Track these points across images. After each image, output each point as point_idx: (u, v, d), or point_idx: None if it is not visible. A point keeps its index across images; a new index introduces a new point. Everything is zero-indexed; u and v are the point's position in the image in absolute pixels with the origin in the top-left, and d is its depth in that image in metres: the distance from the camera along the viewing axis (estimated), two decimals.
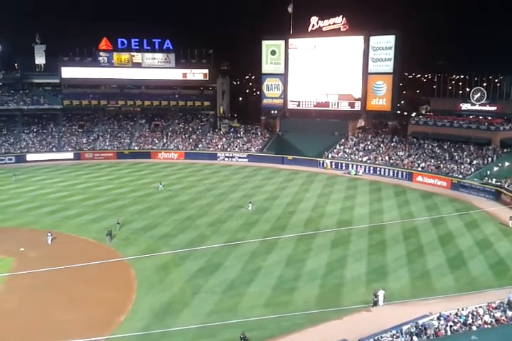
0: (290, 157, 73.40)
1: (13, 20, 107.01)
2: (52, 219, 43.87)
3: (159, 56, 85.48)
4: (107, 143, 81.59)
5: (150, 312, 26.59)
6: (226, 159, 77.48)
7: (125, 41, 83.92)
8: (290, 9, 77.29)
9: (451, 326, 21.70)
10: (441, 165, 61.28)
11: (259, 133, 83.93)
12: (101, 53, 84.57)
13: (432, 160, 63.31)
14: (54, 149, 78.60)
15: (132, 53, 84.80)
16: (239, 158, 77.27)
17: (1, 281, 30.33)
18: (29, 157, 75.21)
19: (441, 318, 22.58)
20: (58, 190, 55.30)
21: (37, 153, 76.68)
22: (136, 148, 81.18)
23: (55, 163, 73.51)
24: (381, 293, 27.09)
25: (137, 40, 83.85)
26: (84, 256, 34.27)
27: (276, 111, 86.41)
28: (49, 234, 37.72)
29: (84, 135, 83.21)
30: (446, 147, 65.93)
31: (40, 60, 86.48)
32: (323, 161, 70.85)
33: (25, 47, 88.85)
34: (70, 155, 77.32)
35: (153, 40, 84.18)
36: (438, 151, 65.56)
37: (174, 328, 24.75)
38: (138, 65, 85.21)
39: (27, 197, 52.09)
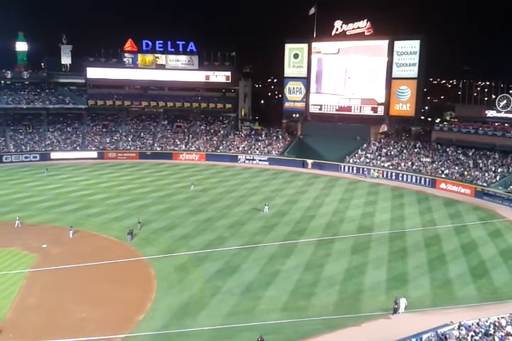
0: (311, 161, 73.11)
1: (40, 21, 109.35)
2: (75, 216, 44.46)
3: (183, 58, 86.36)
4: (130, 143, 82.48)
5: (168, 312, 26.67)
6: (247, 161, 77.63)
7: (150, 43, 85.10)
8: (312, 11, 77.07)
9: (472, 336, 21.29)
10: (465, 173, 60.32)
11: (281, 137, 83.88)
12: (126, 54, 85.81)
13: (456, 168, 62.36)
14: (78, 148, 79.81)
15: (156, 55, 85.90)
16: (259, 160, 77.31)
17: (23, 277, 30.79)
18: (53, 155, 76.29)
19: (462, 328, 22.18)
20: (81, 189, 56.06)
21: (61, 151, 77.88)
22: (158, 148, 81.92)
23: (79, 161, 74.57)
24: (402, 301, 26.68)
25: (161, 42, 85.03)
26: (105, 255, 34.74)
27: (297, 115, 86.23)
28: (71, 229, 38.71)
29: (107, 135, 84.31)
30: (470, 154, 64.90)
31: (66, 60, 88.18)
32: (344, 166, 70.59)
33: (51, 48, 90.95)
34: (94, 154, 78.42)
35: (178, 42, 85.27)
36: (462, 158, 64.58)
37: (192, 329, 24.83)
38: (162, 67, 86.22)
39: (50, 194, 52.95)
